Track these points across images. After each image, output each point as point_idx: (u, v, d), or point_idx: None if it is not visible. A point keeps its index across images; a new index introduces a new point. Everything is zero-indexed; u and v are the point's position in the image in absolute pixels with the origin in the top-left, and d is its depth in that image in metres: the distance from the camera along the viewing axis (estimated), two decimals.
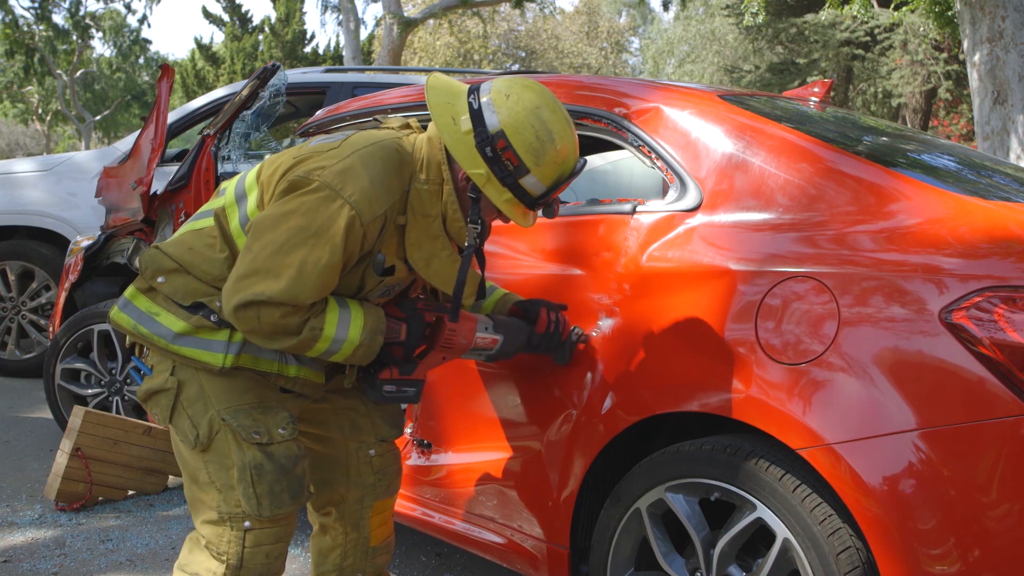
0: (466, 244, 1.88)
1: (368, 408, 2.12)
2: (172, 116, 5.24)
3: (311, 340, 1.78)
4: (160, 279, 1.87)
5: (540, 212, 1.92)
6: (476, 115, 1.80)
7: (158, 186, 3.93)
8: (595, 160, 2.94)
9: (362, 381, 1.98)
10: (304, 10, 32.98)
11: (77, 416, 3.33)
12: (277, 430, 1.87)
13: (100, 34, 29.15)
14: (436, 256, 1.89)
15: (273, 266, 1.71)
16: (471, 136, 1.80)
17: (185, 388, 1.86)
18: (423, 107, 2.77)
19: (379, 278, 1.88)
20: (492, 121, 1.80)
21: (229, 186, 1.95)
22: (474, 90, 1.85)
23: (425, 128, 1.96)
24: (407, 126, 1.95)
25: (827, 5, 10.79)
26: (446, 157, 1.86)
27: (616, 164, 2.90)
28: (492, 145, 1.79)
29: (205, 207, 1.98)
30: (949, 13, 9.75)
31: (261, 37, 26.70)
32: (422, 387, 1.98)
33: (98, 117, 30.35)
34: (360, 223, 1.74)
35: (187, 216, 3.62)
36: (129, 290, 1.92)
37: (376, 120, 2.01)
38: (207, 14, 27.77)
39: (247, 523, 1.84)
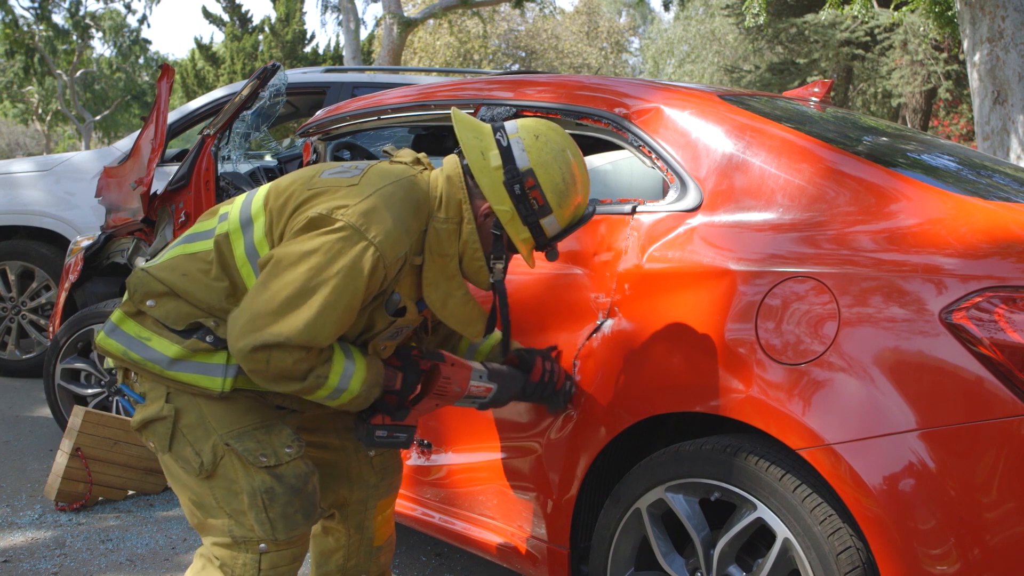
0: (493, 280, 1.88)
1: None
2: (172, 116, 5.24)
3: (313, 387, 1.75)
4: (150, 303, 1.81)
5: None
6: (506, 152, 1.82)
7: (158, 186, 3.93)
8: (595, 160, 2.94)
9: (355, 426, 1.94)
10: (304, 10, 33.00)
11: (77, 416, 3.33)
12: (284, 449, 1.83)
13: (100, 34, 29.15)
14: (452, 296, 1.87)
15: (291, 307, 1.65)
16: (500, 172, 1.81)
17: (184, 415, 1.80)
18: (423, 107, 2.77)
19: (391, 318, 1.84)
20: (522, 159, 1.81)
21: (232, 210, 1.88)
22: (500, 127, 1.85)
23: (435, 163, 1.94)
24: (418, 161, 1.92)
25: (827, 5, 10.79)
26: (467, 195, 1.85)
27: (616, 164, 2.90)
28: (521, 183, 1.80)
29: (199, 228, 1.91)
30: (949, 13, 9.76)
31: (261, 37, 26.71)
32: (414, 433, 1.95)
33: (98, 117, 30.33)
34: (383, 264, 1.70)
35: (187, 216, 3.62)
36: (116, 314, 1.85)
37: (387, 153, 1.98)
38: (207, 14, 27.79)
39: (263, 546, 1.81)
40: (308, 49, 27.43)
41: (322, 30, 76.80)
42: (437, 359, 1.93)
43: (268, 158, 5.42)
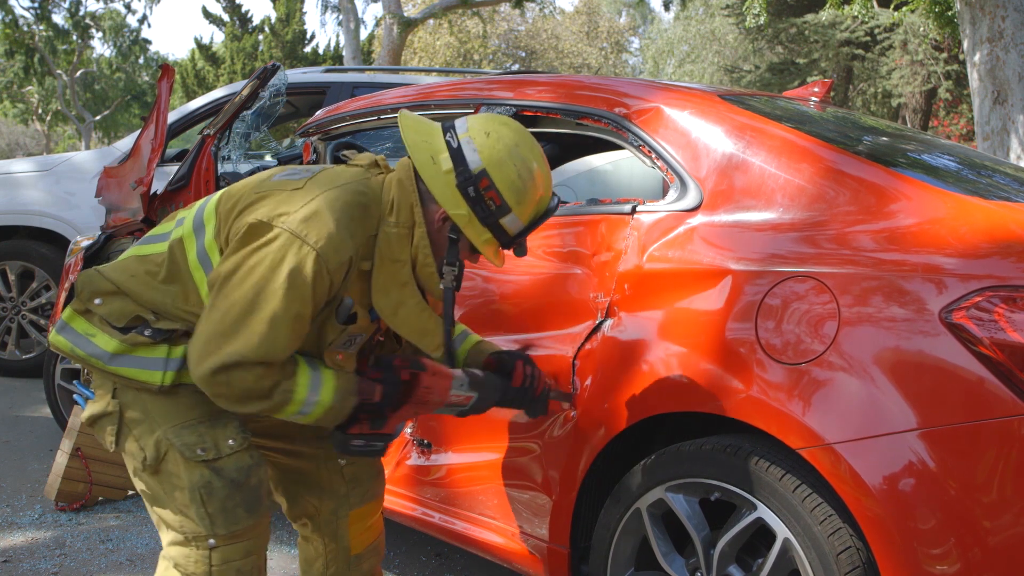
0: (443, 286, 1.82)
1: None
2: (172, 116, 5.24)
3: (283, 403, 1.71)
4: (97, 300, 1.80)
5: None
6: (456, 154, 1.75)
7: (158, 186, 3.93)
8: (595, 160, 2.94)
9: (330, 434, 1.89)
10: (304, 10, 33.01)
11: (77, 416, 3.33)
12: (226, 442, 1.80)
13: (100, 34, 29.16)
14: (404, 304, 1.80)
15: (242, 325, 1.64)
16: (452, 176, 1.74)
17: (128, 410, 1.80)
18: (423, 107, 2.77)
19: (341, 327, 1.79)
20: (474, 160, 1.74)
21: (188, 215, 1.87)
22: (449, 127, 1.79)
23: (393, 168, 1.89)
24: (375, 164, 1.87)
25: (827, 5, 10.79)
26: (419, 199, 1.79)
27: (616, 164, 2.90)
28: (475, 185, 1.74)
29: (156, 231, 1.90)
30: (949, 13, 9.76)
31: (261, 37, 26.71)
32: (390, 441, 1.90)
33: (98, 117, 30.34)
34: (327, 270, 1.66)
35: None
36: (66, 312, 1.85)
37: (346, 157, 1.96)
38: (207, 14, 27.79)
39: (211, 541, 1.79)
40: (308, 49, 27.43)
41: (322, 30, 76.84)
42: (418, 368, 1.86)
43: (268, 158, 5.42)
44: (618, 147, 2.56)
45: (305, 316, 1.68)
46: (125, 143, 5.47)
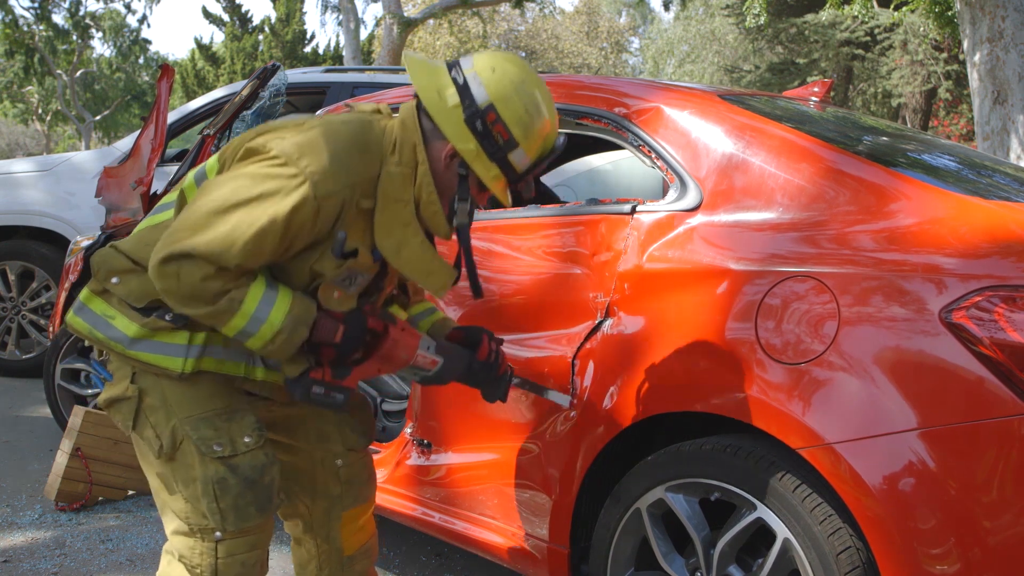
0: (457, 223, 1.80)
1: (338, 416, 2.02)
2: (172, 116, 5.23)
3: (227, 312, 1.66)
4: (114, 280, 1.79)
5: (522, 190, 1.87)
6: (463, 89, 1.74)
7: (158, 186, 3.93)
8: (595, 160, 2.95)
9: (288, 382, 1.81)
10: (304, 10, 33.04)
11: (77, 416, 3.33)
12: (242, 439, 1.79)
13: (100, 34, 29.18)
14: (407, 244, 1.77)
15: (207, 222, 1.62)
16: (459, 110, 1.74)
17: (146, 396, 1.79)
18: None
19: (339, 261, 1.75)
20: (480, 94, 1.74)
21: (192, 171, 1.88)
22: (455, 65, 1.79)
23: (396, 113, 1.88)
24: (378, 111, 1.86)
25: (827, 5, 10.79)
26: (422, 137, 1.78)
27: (616, 164, 2.90)
28: (483, 118, 1.73)
29: (166, 199, 1.89)
30: (949, 13, 9.76)
31: (261, 37, 26.75)
32: (350, 395, 1.82)
33: (98, 117, 30.33)
34: (314, 196, 1.64)
35: None
36: (84, 292, 1.83)
37: (347, 106, 1.94)
38: (207, 14, 27.82)
39: (218, 534, 1.78)
40: (308, 49, 27.47)
41: (322, 30, 76.86)
42: (387, 320, 1.83)
43: None
44: (618, 147, 2.57)
45: (270, 233, 1.64)
46: (125, 143, 5.47)
